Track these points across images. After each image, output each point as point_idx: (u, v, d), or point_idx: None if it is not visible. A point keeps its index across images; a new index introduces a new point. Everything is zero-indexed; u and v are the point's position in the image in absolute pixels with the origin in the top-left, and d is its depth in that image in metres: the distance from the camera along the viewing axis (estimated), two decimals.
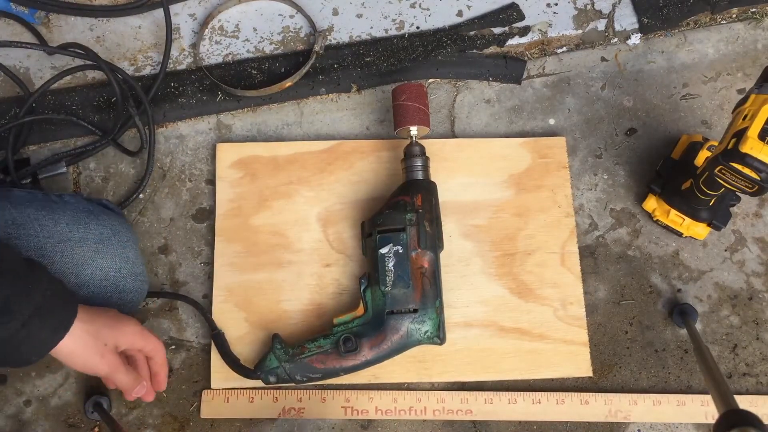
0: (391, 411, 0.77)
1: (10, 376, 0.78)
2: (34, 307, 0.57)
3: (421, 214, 0.75)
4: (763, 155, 0.64)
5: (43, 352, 0.59)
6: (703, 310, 0.83)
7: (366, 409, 0.77)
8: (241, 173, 0.85)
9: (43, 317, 0.58)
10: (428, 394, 0.78)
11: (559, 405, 0.78)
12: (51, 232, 0.69)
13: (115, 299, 0.72)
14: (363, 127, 0.89)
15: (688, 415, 0.78)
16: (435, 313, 0.73)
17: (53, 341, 0.59)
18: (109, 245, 0.72)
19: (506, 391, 0.78)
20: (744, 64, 0.93)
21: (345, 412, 0.77)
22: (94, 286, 0.70)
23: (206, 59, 0.91)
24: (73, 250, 0.69)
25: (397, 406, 0.77)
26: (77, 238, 0.70)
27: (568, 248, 0.83)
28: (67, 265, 0.69)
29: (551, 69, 0.93)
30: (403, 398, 0.78)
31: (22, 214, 0.69)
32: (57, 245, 0.69)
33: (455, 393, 0.78)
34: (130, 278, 0.73)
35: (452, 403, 0.78)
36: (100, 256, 0.71)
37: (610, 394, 0.79)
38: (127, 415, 0.78)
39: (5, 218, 0.68)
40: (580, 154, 0.89)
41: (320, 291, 0.81)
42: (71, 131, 0.87)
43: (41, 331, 0.58)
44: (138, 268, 0.75)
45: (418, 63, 0.91)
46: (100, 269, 0.70)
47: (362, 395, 0.77)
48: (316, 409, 0.77)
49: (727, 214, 0.82)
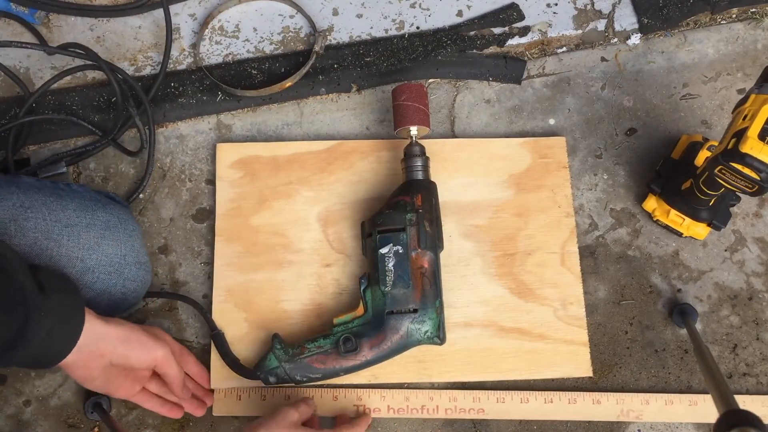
0: (403, 409, 0.77)
1: (9, 377, 0.78)
2: (47, 331, 0.58)
3: (421, 214, 0.75)
4: (763, 155, 0.64)
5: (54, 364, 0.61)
6: (703, 310, 0.83)
7: (378, 408, 0.77)
8: (241, 173, 0.85)
9: (56, 335, 0.59)
10: (440, 392, 0.78)
11: (572, 404, 0.78)
12: (59, 217, 0.70)
13: (120, 287, 0.72)
14: (363, 127, 0.89)
15: (700, 415, 0.78)
16: (435, 313, 0.73)
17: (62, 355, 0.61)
18: (116, 232, 0.73)
19: (519, 390, 0.78)
20: (744, 64, 0.93)
21: (357, 410, 0.77)
22: (100, 272, 0.71)
23: (206, 59, 0.91)
24: (80, 235, 0.70)
25: (409, 404, 0.77)
26: (84, 223, 0.71)
27: (568, 248, 0.83)
28: (74, 249, 0.69)
29: (551, 69, 0.93)
30: (415, 397, 0.78)
31: (30, 199, 0.69)
32: (64, 229, 0.69)
33: (467, 392, 0.78)
34: (135, 266, 0.74)
35: (465, 402, 0.77)
36: (107, 243, 0.72)
37: (623, 393, 0.79)
38: (126, 416, 0.78)
39: (13, 201, 0.68)
40: (580, 154, 0.89)
41: (320, 291, 0.81)
42: (71, 131, 0.87)
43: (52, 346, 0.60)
44: (142, 258, 0.76)
45: (418, 63, 0.91)
46: (106, 255, 0.71)
47: (374, 393, 0.77)
48: (329, 407, 0.77)
49: (727, 214, 0.82)
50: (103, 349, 0.64)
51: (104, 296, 0.72)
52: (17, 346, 0.57)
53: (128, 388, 0.70)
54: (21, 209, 0.68)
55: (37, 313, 0.57)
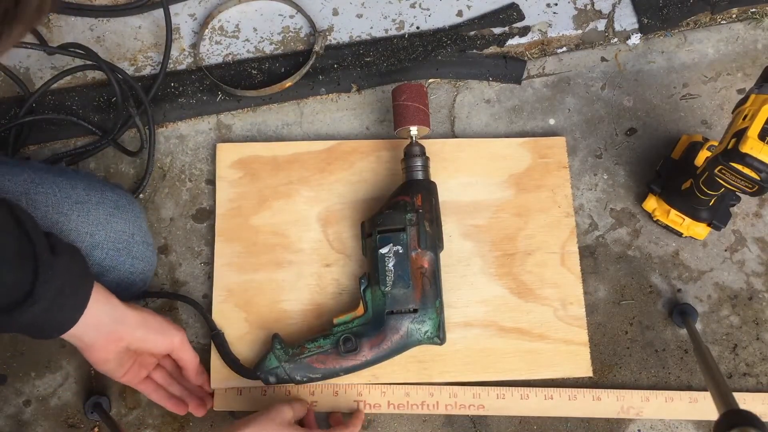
0: (403, 405, 0.77)
1: (9, 376, 0.78)
2: (56, 291, 0.58)
3: (421, 214, 0.75)
4: (763, 155, 0.64)
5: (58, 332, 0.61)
6: (703, 310, 0.83)
7: (378, 403, 0.77)
8: (241, 173, 0.85)
9: (64, 298, 0.59)
10: (440, 388, 0.78)
11: (572, 401, 0.78)
12: (69, 194, 0.71)
13: (128, 265, 0.73)
14: (363, 127, 0.89)
15: (700, 412, 0.78)
16: (435, 313, 0.73)
17: (68, 323, 0.61)
18: (124, 212, 0.74)
19: (519, 387, 0.78)
20: (744, 64, 0.93)
21: (358, 406, 0.77)
22: (108, 248, 0.71)
23: (206, 59, 0.91)
24: (90, 212, 0.71)
25: (409, 400, 0.77)
26: (94, 201, 0.72)
27: (568, 248, 0.83)
28: (83, 224, 0.70)
29: (551, 69, 0.93)
30: (415, 392, 0.78)
31: (41, 177, 0.71)
32: (74, 205, 0.70)
33: (467, 388, 0.78)
34: (142, 246, 0.75)
35: (465, 398, 0.77)
36: (115, 220, 0.73)
37: (623, 390, 0.79)
38: (126, 416, 0.78)
39: (24, 177, 0.70)
40: (580, 154, 0.89)
41: (320, 291, 0.81)
42: (71, 131, 0.87)
43: (59, 312, 0.60)
44: (149, 239, 0.77)
45: (418, 63, 0.91)
46: (114, 232, 0.72)
47: (375, 389, 0.77)
48: (329, 402, 0.77)
49: (727, 214, 0.82)
50: (122, 332, 0.65)
51: (113, 274, 0.72)
52: (25, 303, 0.56)
53: (135, 373, 0.70)
54: (32, 185, 0.69)
55: (48, 270, 0.57)
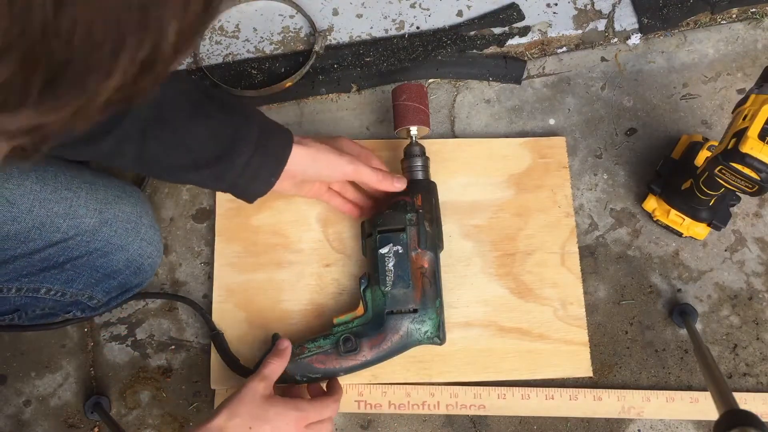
0: (404, 405, 0.77)
1: (9, 376, 0.78)
2: (255, 144, 0.65)
3: (421, 214, 0.75)
4: (763, 155, 0.64)
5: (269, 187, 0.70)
6: (703, 310, 0.83)
7: (379, 403, 0.77)
8: None
9: (265, 152, 0.66)
10: (441, 388, 0.78)
11: (573, 401, 0.78)
12: (77, 174, 0.72)
13: (136, 246, 0.74)
14: (363, 127, 0.89)
15: (701, 411, 0.78)
16: (435, 313, 0.73)
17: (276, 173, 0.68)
18: (132, 195, 0.75)
19: (520, 387, 0.78)
20: (744, 64, 0.93)
21: (358, 406, 0.77)
22: (117, 226, 0.72)
23: (206, 59, 0.91)
24: (98, 191, 0.72)
25: (410, 400, 0.77)
26: (102, 183, 0.74)
27: (568, 248, 0.83)
28: (92, 201, 0.71)
29: (551, 69, 0.93)
30: (416, 392, 0.77)
31: (49, 161, 0.72)
32: (83, 184, 0.72)
33: (468, 388, 0.78)
34: (150, 228, 0.76)
35: (465, 398, 0.77)
36: (123, 202, 0.74)
37: (624, 390, 0.79)
38: (126, 415, 0.78)
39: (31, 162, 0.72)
40: (580, 154, 0.89)
41: (320, 291, 0.81)
42: None
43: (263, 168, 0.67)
44: (156, 225, 0.78)
45: (418, 63, 0.91)
46: (123, 212, 0.73)
47: (375, 389, 0.77)
48: None
49: (727, 214, 0.82)
50: (294, 172, 0.70)
51: (122, 254, 0.73)
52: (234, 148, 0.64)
53: (317, 190, 0.78)
54: (41, 163, 0.70)
55: (250, 120, 0.66)
